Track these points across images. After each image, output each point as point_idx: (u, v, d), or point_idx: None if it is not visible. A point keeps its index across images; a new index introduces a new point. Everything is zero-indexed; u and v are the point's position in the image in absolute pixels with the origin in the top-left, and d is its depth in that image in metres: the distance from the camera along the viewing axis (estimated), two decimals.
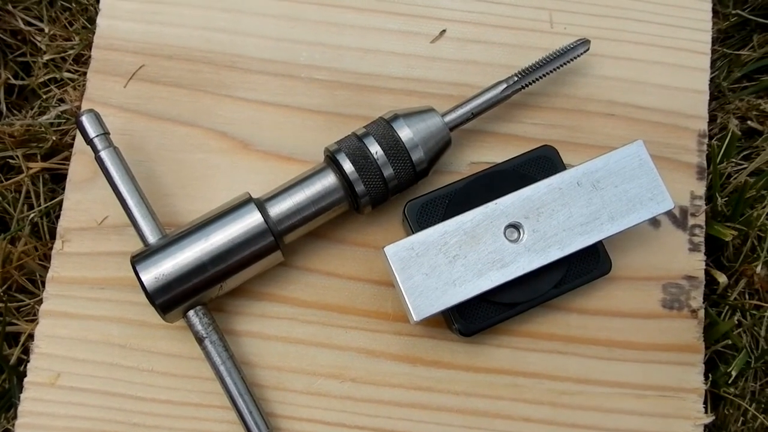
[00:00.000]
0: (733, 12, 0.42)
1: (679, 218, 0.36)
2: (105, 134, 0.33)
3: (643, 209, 0.30)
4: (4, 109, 0.40)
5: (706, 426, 0.35)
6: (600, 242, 0.31)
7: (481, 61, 0.38)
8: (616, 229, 0.30)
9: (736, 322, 0.38)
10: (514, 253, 0.30)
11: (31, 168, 0.39)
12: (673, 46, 0.38)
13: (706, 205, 0.37)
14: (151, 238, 0.32)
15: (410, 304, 0.29)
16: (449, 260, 0.29)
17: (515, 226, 0.29)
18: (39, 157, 0.39)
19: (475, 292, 0.29)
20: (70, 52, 0.40)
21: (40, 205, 0.39)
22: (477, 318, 0.32)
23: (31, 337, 0.36)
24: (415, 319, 0.29)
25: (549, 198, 0.30)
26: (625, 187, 0.30)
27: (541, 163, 0.34)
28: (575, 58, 0.35)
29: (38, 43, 0.41)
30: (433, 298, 0.29)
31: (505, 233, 0.29)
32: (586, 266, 0.33)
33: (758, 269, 0.37)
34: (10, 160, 0.39)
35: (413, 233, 0.30)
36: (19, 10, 0.41)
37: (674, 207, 0.31)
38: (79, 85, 0.40)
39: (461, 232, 0.29)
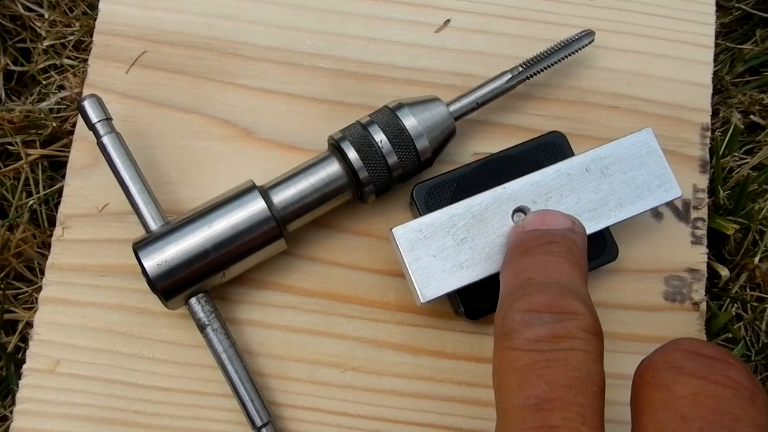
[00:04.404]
0: (737, 6, 0.42)
1: (681, 211, 0.36)
2: (107, 119, 0.32)
3: (651, 196, 0.30)
4: (3, 95, 0.40)
5: None
6: (607, 229, 0.30)
7: (485, 52, 0.38)
8: (624, 215, 0.30)
9: (734, 313, 0.38)
10: None
11: (30, 155, 0.38)
12: (677, 39, 0.38)
13: (708, 198, 0.37)
14: (153, 224, 0.31)
15: (417, 286, 0.28)
16: (457, 243, 0.29)
17: (523, 211, 0.29)
18: (38, 144, 0.38)
19: (482, 275, 0.29)
20: (71, 38, 0.40)
21: (39, 192, 0.38)
22: (483, 301, 0.32)
23: (28, 324, 0.35)
24: (422, 301, 0.28)
25: (557, 183, 0.29)
26: (633, 174, 0.30)
27: (550, 149, 0.33)
28: (580, 49, 0.35)
29: (38, 29, 0.40)
30: (440, 280, 0.28)
31: (513, 217, 0.29)
32: (593, 252, 0.33)
33: (756, 260, 0.37)
34: (9, 147, 0.39)
35: (421, 216, 0.29)
36: None
37: (681, 195, 0.30)
38: (79, 72, 0.39)
39: (469, 215, 0.29)
